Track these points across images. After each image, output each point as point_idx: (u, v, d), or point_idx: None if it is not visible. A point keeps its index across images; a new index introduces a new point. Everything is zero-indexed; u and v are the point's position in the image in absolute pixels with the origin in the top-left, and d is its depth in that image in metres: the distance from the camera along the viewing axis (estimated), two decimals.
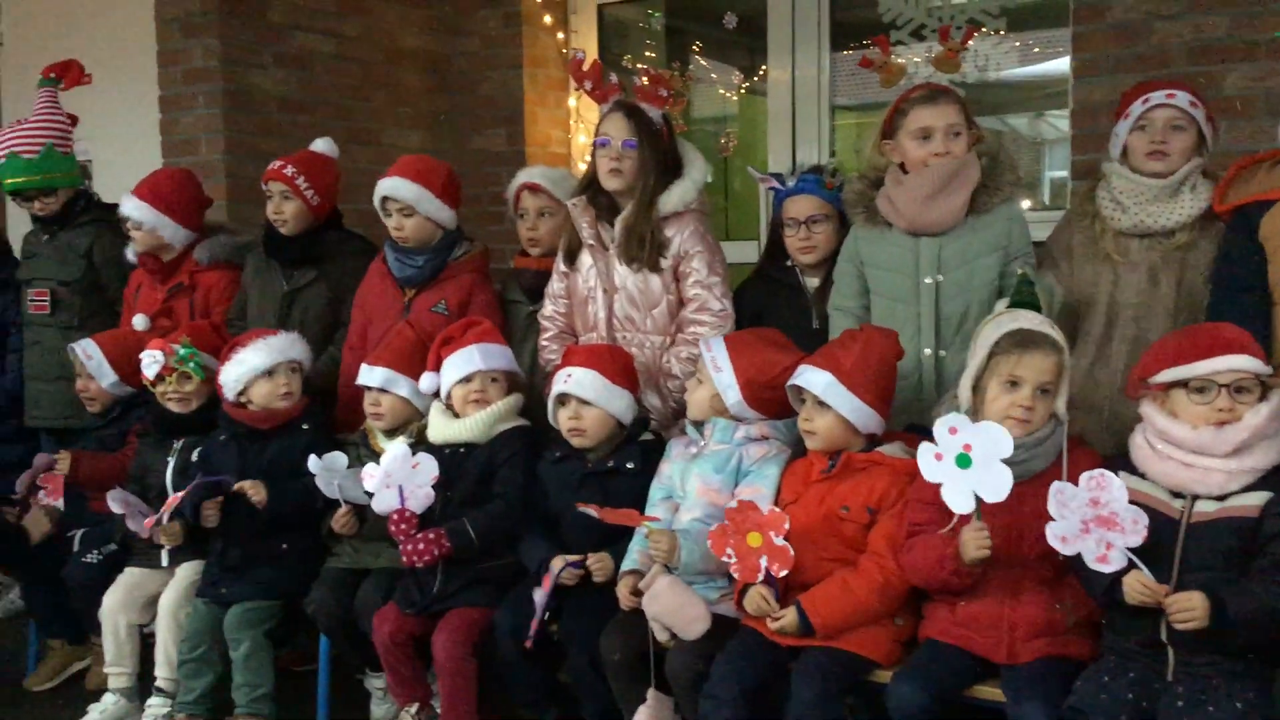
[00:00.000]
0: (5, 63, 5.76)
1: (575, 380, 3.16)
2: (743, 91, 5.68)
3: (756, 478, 2.99)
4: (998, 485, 2.50)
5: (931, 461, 2.57)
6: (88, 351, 3.92)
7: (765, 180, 3.69)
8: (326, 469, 3.36)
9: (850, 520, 2.81)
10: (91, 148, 4.55)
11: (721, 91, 5.75)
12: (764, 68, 5.30)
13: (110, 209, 4.44)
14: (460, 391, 3.35)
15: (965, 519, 2.56)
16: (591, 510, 2.90)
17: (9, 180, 4.32)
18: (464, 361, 3.35)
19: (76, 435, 4.15)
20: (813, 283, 3.53)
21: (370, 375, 3.48)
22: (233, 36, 4.85)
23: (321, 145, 4.14)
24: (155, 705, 3.46)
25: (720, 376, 3.02)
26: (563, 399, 3.21)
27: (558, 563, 3.06)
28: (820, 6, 5.04)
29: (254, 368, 3.52)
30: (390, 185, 3.72)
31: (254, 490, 3.42)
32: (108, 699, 3.56)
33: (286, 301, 3.99)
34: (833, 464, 2.88)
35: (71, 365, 4.11)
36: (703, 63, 5.77)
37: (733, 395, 3.02)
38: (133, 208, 4.10)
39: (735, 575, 2.79)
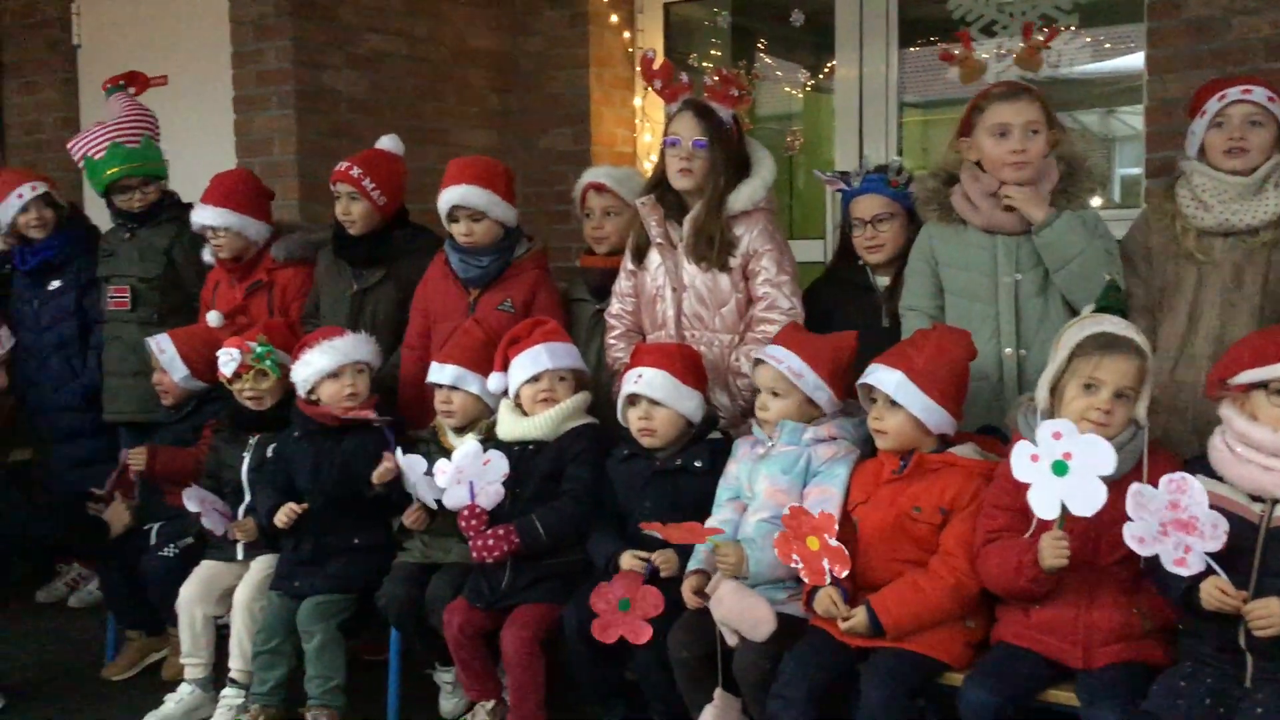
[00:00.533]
0: (83, 65, 5.89)
1: (646, 381, 3.17)
2: (807, 89, 5.66)
3: (826, 478, 2.98)
4: (1090, 499, 2.45)
5: (1026, 461, 2.52)
6: (161, 345, 3.99)
7: (831, 182, 3.68)
8: (408, 466, 3.39)
9: (922, 521, 2.79)
10: (169, 148, 4.64)
11: (786, 89, 5.73)
12: (830, 65, 5.27)
13: (189, 208, 4.53)
14: (529, 391, 3.38)
15: (1046, 525, 2.52)
16: (655, 530, 2.90)
17: (112, 170, 4.39)
18: (531, 361, 3.37)
19: (153, 430, 4.22)
20: (883, 281, 3.51)
21: (441, 373, 3.51)
22: (305, 38, 4.92)
23: (388, 143, 4.17)
24: (230, 696, 3.52)
25: (805, 380, 3.01)
26: (633, 399, 3.22)
27: (628, 559, 3.07)
28: (889, 2, 5.01)
29: (320, 369, 3.56)
30: (460, 193, 3.73)
31: (285, 513, 3.47)
32: (184, 689, 3.63)
33: (356, 301, 4.03)
34: (904, 464, 2.87)
35: (149, 360, 4.21)
36: (768, 60, 5.76)
37: (824, 395, 3.02)
38: (212, 215, 4.15)
39: (805, 579, 2.78)
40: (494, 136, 5.66)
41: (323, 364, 3.56)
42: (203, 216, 4.17)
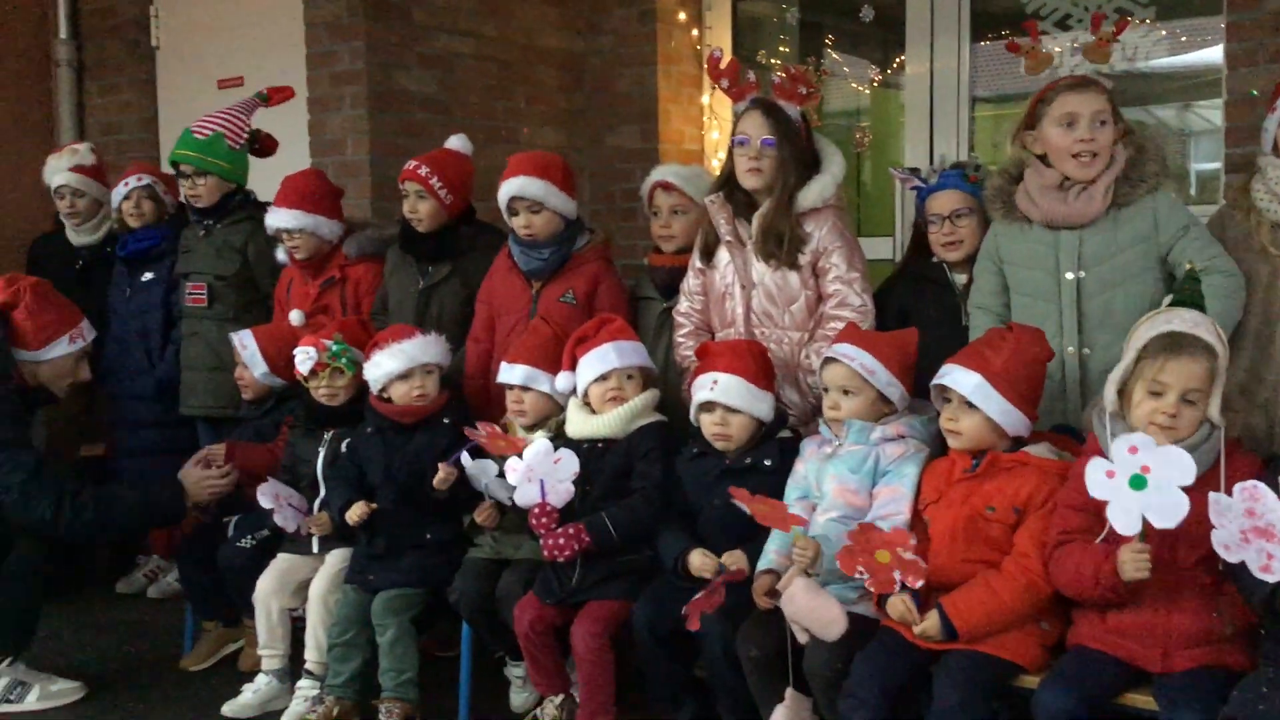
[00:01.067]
0: (161, 67, 6.01)
1: (722, 387, 3.16)
2: (875, 85, 5.62)
3: (895, 477, 2.96)
4: (1173, 511, 2.40)
5: (1101, 478, 2.47)
6: (243, 341, 4.06)
7: (906, 178, 3.65)
8: (477, 470, 3.42)
9: (996, 521, 2.77)
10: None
11: (854, 85, 5.70)
12: (899, 60, 5.24)
13: (265, 207, 4.61)
14: (597, 390, 3.39)
15: (1126, 538, 2.48)
16: (742, 500, 2.87)
17: (175, 151, 4.52)
18: (599, 360, 3.38)
19: (231, 423, 4.30)
20: (960, 279, 3.48)
21: (510, 373, 3.54)
22: (378, 39, 4.99)
23: (456, 143, 4.21)
24: (305, 687, 3.58)
25: (877, 377, 3.00)
26: (708, 404, 3.21)
27: (698, 558, 3.07)
28: None
29: (389, 372, 3.61)
30: (518, 184, 3.77)
31: (356, 512, 3.51)
32: (260, 680, 3.70)
33: (424, 297, 4.08)
34: (976, 463, 2.84)
35: (226, 356, 4.29)
36: (835, 56, 5.73)
37: (896, 391, 3.01)
38: (286, 218, 4.21)
39: (871, 590, 2.77)
40: (562, 135, 5.70)
41: (391, 367, 3.61)
42: (277, 219, 4.23)
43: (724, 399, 3.17)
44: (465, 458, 3.43)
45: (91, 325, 4.11)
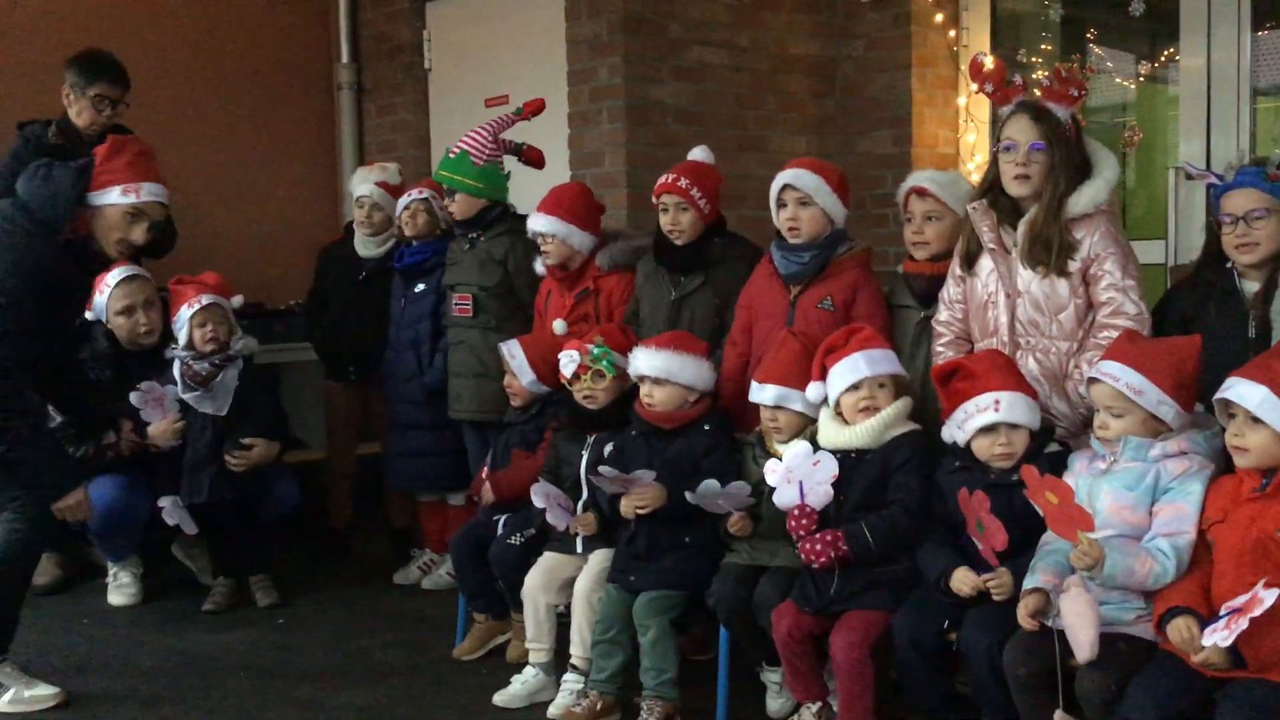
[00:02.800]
0: (433, 87, 6.36)
1: (1007, 406, 3.10)
2: (1142, 80, 5.38)
3: (1179, 494, 2.84)
4: None
5: None
6: (511, 351, 4.22)
7: (1202, 175, 3.48)
8: (704, 495, 3.48)
9: None
10: (509, 163, 4.94)
11: (1119, 80, 5.47)
12: (1168, 52, 5.00)
13: (525, 220, 4.82)
14: (849, 399, 3.37)
15: None
16: (1030, 479, 2.79)
17: (435, 171, 4.78)
18: (850, 369, 3.37)
19: (494, 427, 4.50)
20: (1251, 287, 3.28)
21: (762, 394, 3.55)
22: (635, 54, 5.13)
23: (700, 153, 4.26)
24: (570, 681, 3.71)
25: (1145, 397, 2.89)
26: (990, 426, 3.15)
27: (961, 575, 3.03)
28: None
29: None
30: (792, 174, 3.81)
31: (640, 495, 3.58)
32: (528, 672, 3.85)
33: (675, 307, 4.15)
34: (1266, 482, 2.69)
35: (490, 363, 4.49)
36: (1099, 52, 5.52)
37: (1169, 410, 2.89)
38: (543, 223, 4.38)
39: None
40: (813, 142, 5.70)
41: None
42: (533, 222, 4.41)
43: (1010, 418, 3.10)
44: (690, 496, 3.48)
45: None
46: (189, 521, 4.68)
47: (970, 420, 3.15)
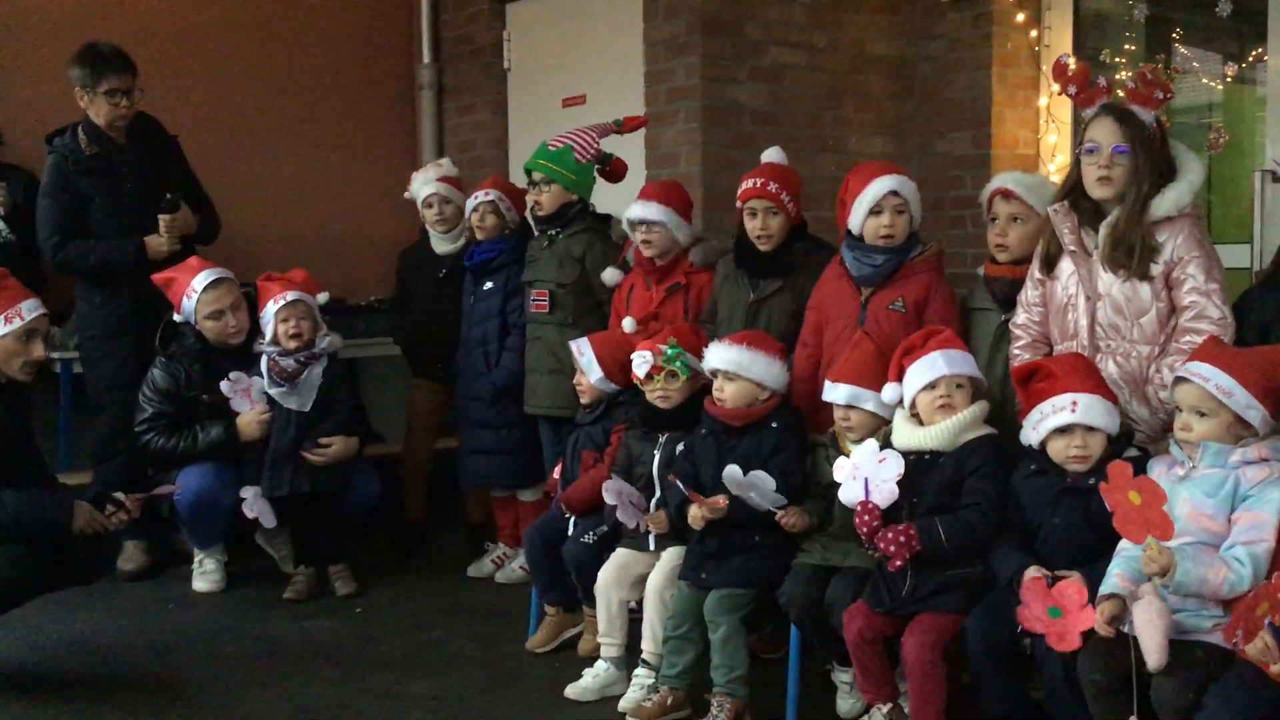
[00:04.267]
0: (512, 88, 6.44)
1: (1084, 408, 3.08)
2: (1229, 80, 5.28)
3: (1257, 503, 2.80)
4: None
5: None
6: (580, 349, 4.26)
7: None
8: (739, 484, 3.51)
9: None
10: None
11: (1205, 81, 5.38)
12: (1256, 52, 4.91)
13: (604, 219, 4.86)
14: (926, 398, 3.37)
15: None
16: (1114, 473, 2.76)
17: (530, 160, 4.81)
18: (928, 368, 3.36)
19: (569, 424, 4.54)
20: None
21: (835, 393, 3.56)
22: (713, 55, 5.15)
23: (774, 155, 4.26)
24: (641, 675, 3.74)
25: (1235, 399, 2.86)
26: (1066, 427, 3.13)
27: (1034, 572, 3.02)
28: None
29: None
30: (896, 181, 3.79)
31: (710, 509, 3.59)
32: (600, 665, 3.89)
33: (753, 310, 4.16)
34: None
35: (565, 360, 4.53)
36: (1184, 52, 5.43)
37: (1257, 413, 2.86)
38: (651, 210, 4.39)
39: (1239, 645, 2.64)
40: (891, 143, 5.68)
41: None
42: (639, 211, 4.41)
43: (1086, 420, 3.08)
44: (727, 473, 3.50)
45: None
46: (269, 514, 4.80)
47: (1046, 420, 3.13)
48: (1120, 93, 3.42)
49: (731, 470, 3.52)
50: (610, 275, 4.65)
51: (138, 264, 5.03)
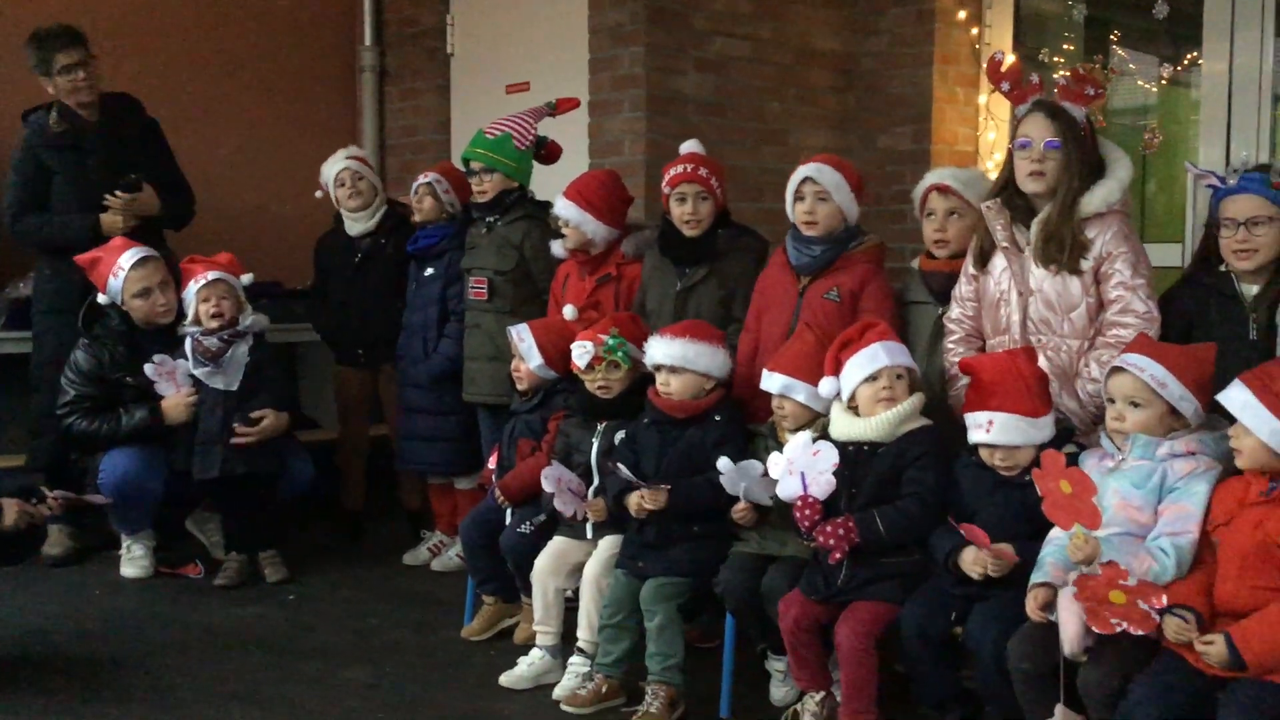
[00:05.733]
0: (455, 73, 6.39)
1: (999, 428, 3.12)
2: (1164, 82, 5.37)
3: (1183, 495, 2.86)
4: None
5: None
6: (520, 334, 4.22)
7: (1204, 176, 3.48)
8: (738, 472, 3.49)
9: None
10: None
11: (1141, 83, 5.47)
12: (1191, 56, 5.00)
13: (543, 206, 4.84)
14: (867, 390, 3.37)
15: None
16: (1064, 481, 2.81)
17: (468, 149, 4.78)
18: (869, 360, 3.37)
19: (506, 412, 4.52)
20: (1251, 290, 3.30)
21: (770, 381, 3.58)
22: (658, 44, 5.15)
23: (694, 145, 4.29)
24: (576, 664, 3.74)
25: (1169, 390, 2.91)
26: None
27: (971, 554, 3.05)
28: None
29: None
30: (814, 168, 3.84)
31: (652, 498, 3.59)
32: (535, 654, 3.88)
33: (681, 299, 4.17)
34: (1274, 486, 2.70)
35: (504, 347, 4.50)
36: (1122, 53, 5.52)
37: (1190, 405, 2.91)
38: (562, 207, 4.42)
39: (1138, 632, 2.68)
40: (833, 136, 5.72)
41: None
42: (556, 206, 4.44)
43: (1000, 441, 3.13)
44: (723, 461, 3.50)
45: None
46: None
47: (970, 433, 3.20)
48: (1054, 90, 3.46)
49: (724, 463, 3.50)
50: (557, 247, 4.62)
51: (92, 242, 4.96)
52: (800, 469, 3.30)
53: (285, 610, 4.59)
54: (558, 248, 4.59)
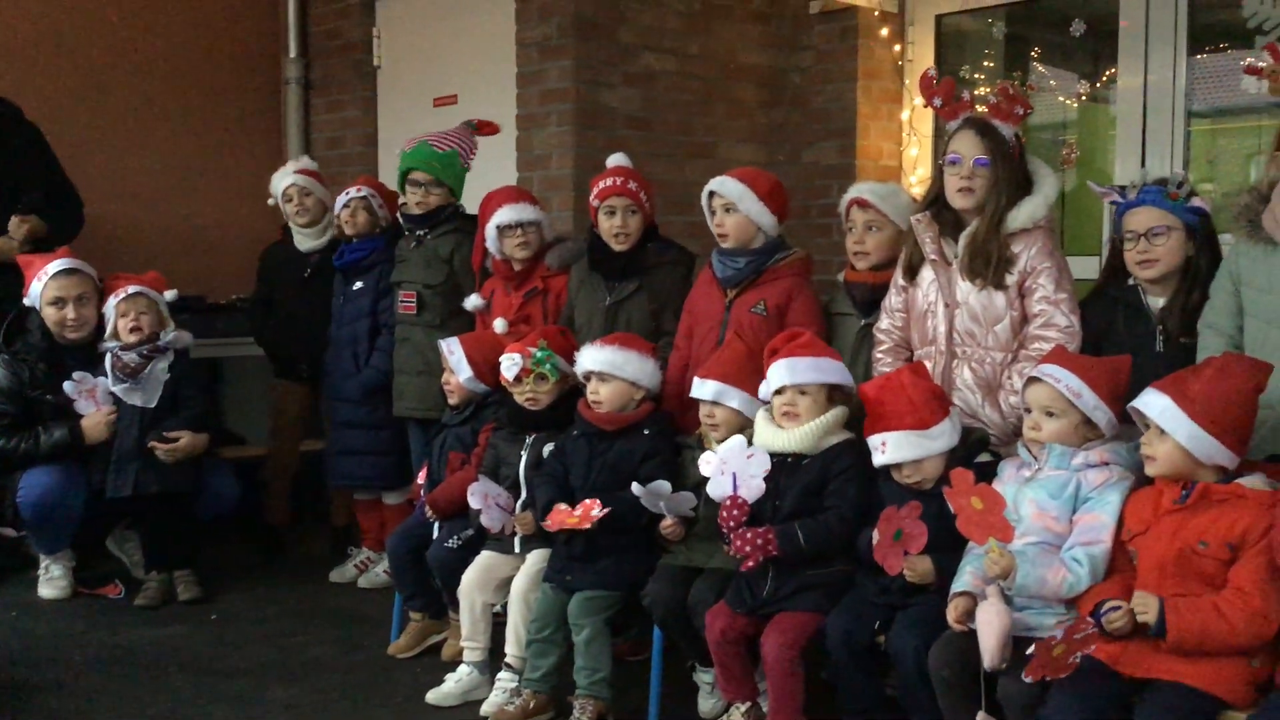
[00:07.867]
0: (382, 85, 6.34)
1: (893, 447, 3.17)
2: (1083, 99, 5.49)
3: (1097, 504, 2.91)
4: None
5: None
6: (450, 348, 4.22)
7: (1105, 194, 3.57)
8: (650, 494, 3.49)
9: (1209, 556, 2.68)
10: None
11: (1060, 99, 5.58)
12: (1109, 73, 5.11)
13: (472, 220, 4.82)
14: (775, 402, 3.41)
15: None
16: (956, 479, 2.86)
17: (413, 160, 4.75)
18: (774, 375, 3.40)
19: (437, 426, 4.49)
20: (1157, 302, 3.39)
21: (702, 389, 3.59)
22: (586, 58, 5.16)
23: (621, 159, 4.32)
24: (504, 679, 3.71)
25: (1083, 400, 2.96)
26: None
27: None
28: (1178, 9, 4.81)
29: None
30: (717, 182, 3.91)
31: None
32: (462, 670, 3.85)
33: (611, 313, 4.18)
34: (1186, 494, 2.76)
35: (434, 361, 4.48)
36: (1041, 70, 5.63)
37: (1104, 416, 2.97)
38: (528, 213, 4.40)
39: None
40: (760, 151, 5.76)
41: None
42: (515, 214, 4.38)
43: (896, 459, 3.18)
44: (635, 486, 3.50)
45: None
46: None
47: (873, 455, 3.25)
48: (983, 108, 3.52)
49: (660, 485, 3.50)
50: (472, 302, 4.62)
51: None
52: (733, 470, 3.30)
53: (208, 630, 4.52)
54: (473, 301, 4.57)
